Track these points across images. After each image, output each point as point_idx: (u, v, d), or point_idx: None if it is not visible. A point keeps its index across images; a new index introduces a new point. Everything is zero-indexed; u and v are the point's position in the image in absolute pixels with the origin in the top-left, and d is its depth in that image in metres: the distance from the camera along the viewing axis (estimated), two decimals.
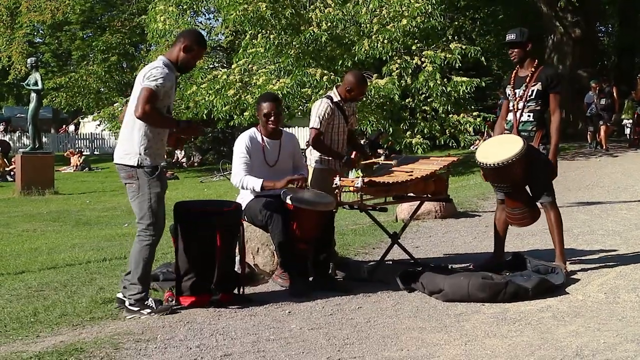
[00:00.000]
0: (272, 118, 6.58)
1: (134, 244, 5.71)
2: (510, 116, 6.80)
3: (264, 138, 6.64)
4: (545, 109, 6.73)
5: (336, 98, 7.03)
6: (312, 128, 6.92)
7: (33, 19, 35.40)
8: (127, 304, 5.63)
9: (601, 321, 5.23)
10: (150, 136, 5.60)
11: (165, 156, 5.99)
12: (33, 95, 21.48)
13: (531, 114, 6.68)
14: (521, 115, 6.69)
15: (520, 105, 6.70)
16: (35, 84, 21.21)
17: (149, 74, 5.56)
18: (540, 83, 6.65)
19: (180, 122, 5.87)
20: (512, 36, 6.79)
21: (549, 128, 6.71)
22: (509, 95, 6.86)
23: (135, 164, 5.59)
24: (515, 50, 6.78)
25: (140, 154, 5.58)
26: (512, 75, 6.89)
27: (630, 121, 21.81)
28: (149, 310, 5.57)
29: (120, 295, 5.73)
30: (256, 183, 6.41)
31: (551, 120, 6.68)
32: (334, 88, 7.21)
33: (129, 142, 5.64)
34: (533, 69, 6.72)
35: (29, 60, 23.31)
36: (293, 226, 6.27)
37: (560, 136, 6.66)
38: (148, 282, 5.74)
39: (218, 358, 4.59)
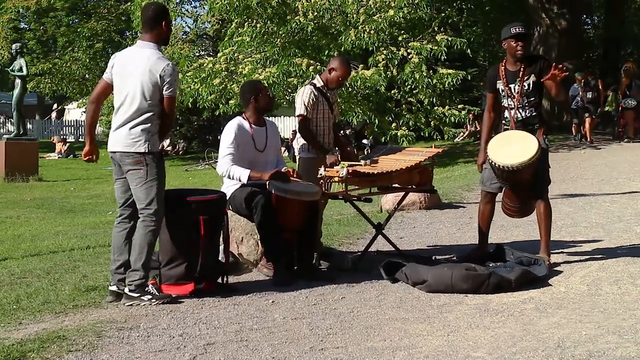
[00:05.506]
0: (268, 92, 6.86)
1: (137, 230, 5.66)
2: (507, 114, 6.73)
3: (252, 125, 6.66)
4: (541, 99, 6.72)
5: (319, 84, 7.08)
6: (299, 115, 6.95)
7: (17, 4, 35.16)
8: (127, 290, 5.57)
9: (583, 313, 5.26)
10: (156, 124, 5.64)
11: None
12: (18, 81, 21.37)
13: (533, 109, 6.65)
14: (523, 110, 6.65)
15: (521, 101, 6.63)
16: (20, 69, 21.12)
17: (171, 81, 5.60)
18: (533, 75, 6.57)
19: None
20: (520, 29, 6.55)
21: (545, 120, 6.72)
22: (501, 90, 6.71)
23: (146, 151, 5.57)
24: (524, 42, 6.58)
25: (149, 141, 5.59)
26: (501, 70, 6.71)
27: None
28: (149, 297, 5.53)
29: (114, 287, 5.67)
30: (243, 173, 6.39)
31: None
32: (317, 75, 7.25)
33: (139, 130, 5.59)
34: (519, 62, 6.61)
35: (13, 46, 23.16)
36: (278, 216, 6.27)
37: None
38: (149, 269, 5.67)
39: (201, 347, 4.59)
